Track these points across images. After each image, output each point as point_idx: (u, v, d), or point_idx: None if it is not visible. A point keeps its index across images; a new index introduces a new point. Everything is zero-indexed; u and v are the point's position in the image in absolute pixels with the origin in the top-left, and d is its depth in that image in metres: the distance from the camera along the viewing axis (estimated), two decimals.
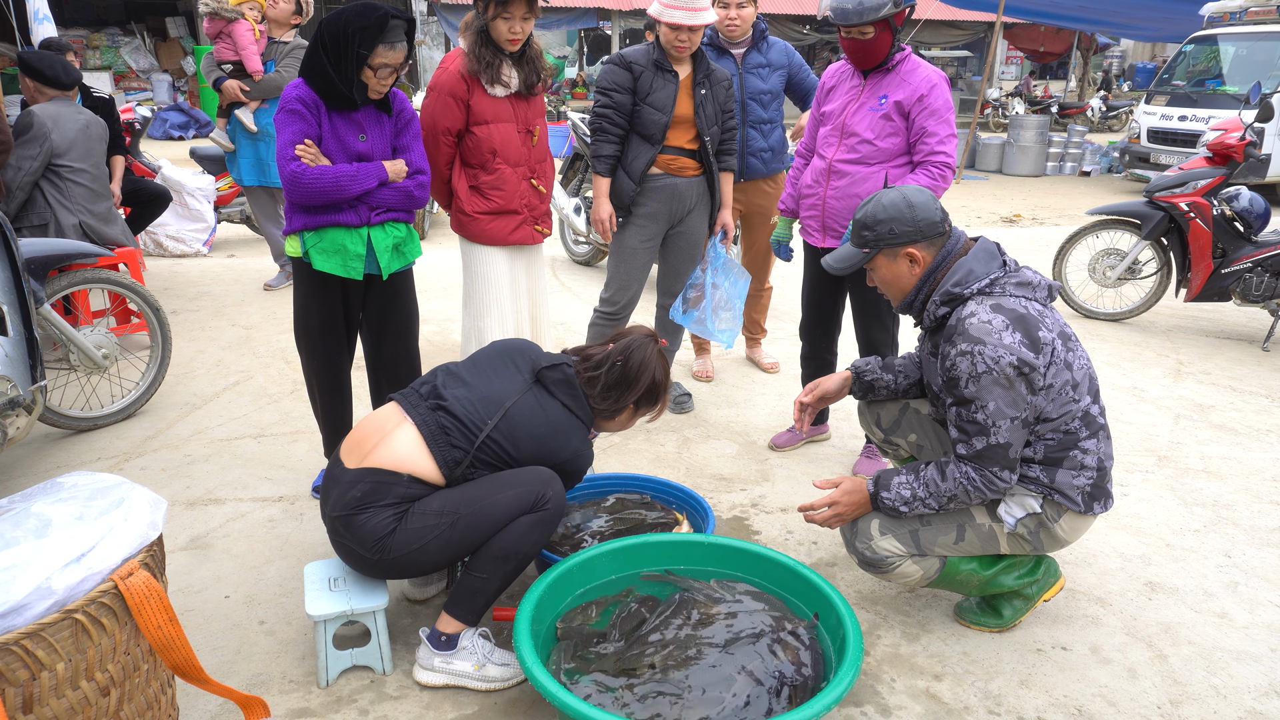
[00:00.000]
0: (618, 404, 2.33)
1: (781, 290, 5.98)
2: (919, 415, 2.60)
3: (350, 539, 2.10)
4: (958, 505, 2.21)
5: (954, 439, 2.18)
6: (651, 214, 3.58)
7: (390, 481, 2.09)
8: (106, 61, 17.00)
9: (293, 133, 2.60)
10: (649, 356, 2.34)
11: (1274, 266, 4.90)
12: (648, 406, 2.40)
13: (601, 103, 3.46)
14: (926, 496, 2.20)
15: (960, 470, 2.16)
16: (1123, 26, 16.76)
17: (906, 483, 2.23)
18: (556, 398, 2.25)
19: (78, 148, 4.22)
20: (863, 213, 2.29)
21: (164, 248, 6.77)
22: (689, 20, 3.27)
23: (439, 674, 2.17)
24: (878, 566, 2.29)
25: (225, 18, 5.20)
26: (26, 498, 1.75)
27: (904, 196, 2.25)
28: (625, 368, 2.31)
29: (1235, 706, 2.15)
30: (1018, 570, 2.36)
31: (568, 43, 24.51)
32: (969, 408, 2.11)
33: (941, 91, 2.94)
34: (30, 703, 1.53)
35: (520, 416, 2.19)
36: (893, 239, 2.24)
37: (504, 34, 2.97)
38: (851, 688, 1.83)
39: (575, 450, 2.25)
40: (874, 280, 2.38)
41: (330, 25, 2.53)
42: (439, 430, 2.14)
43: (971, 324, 2.10)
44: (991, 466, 2.12)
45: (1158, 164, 10.76)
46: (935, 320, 2.27)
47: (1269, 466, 3.50)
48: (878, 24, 2.87)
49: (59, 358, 3.69)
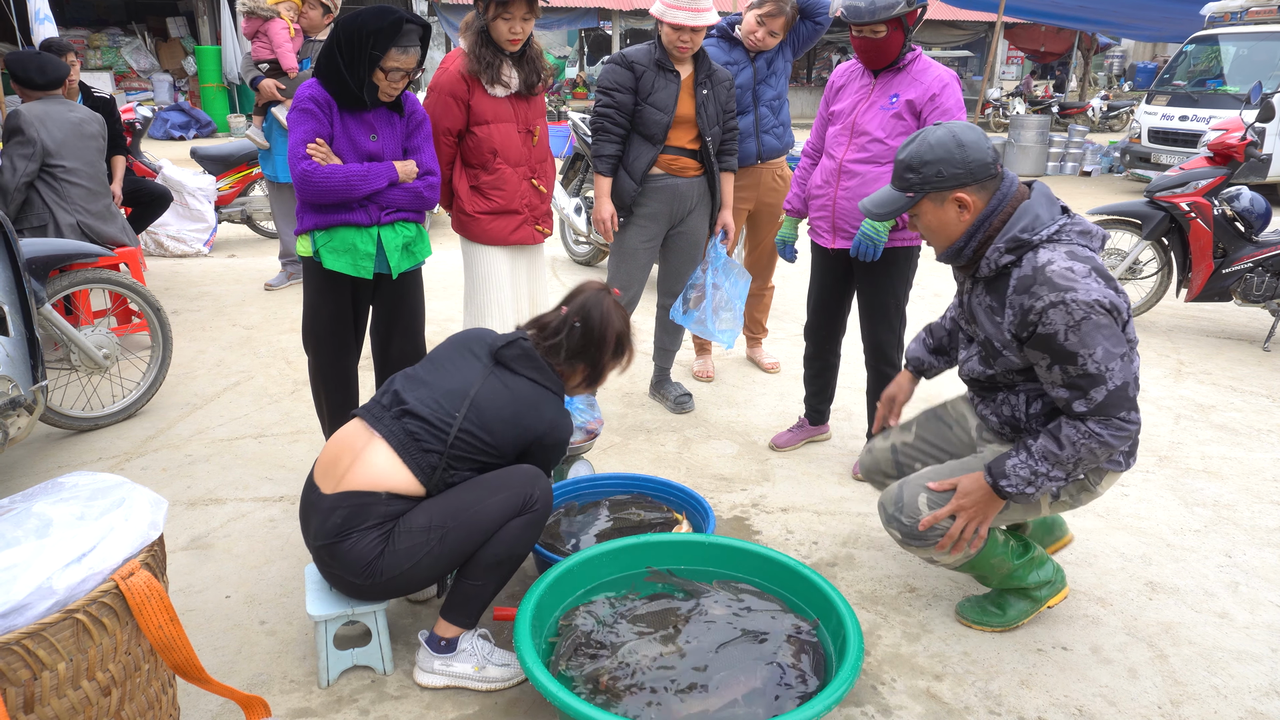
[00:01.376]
0: (594, 367, 2.28)
1: (783, 290, 5.98)
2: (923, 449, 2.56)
3: (338, 567, 2.05)
4: (1086, 467, 2.05)
5: (1065, 398, 2.01)
6: (652, 214, 3.58)
7: (369, 502, 2.03)
8: (107, 61, 17.01)
9: (305, 132, 2.62)
10: (607, 311, 2.27)
11: (1275, 266, 4.90)
12: (615, 360, 2.34)
13: (603, 102, 3.46)
14: (1049, 470, 2.04)
15: (1080, 430, 1.99)
16: (1123, 26, 16.78)
17: (1022, 463, 2.07)
18: (520, 374, 2.18)
19: (69, 147, 4.19)
20: (906, 153, 2.10)
21: (165, 248, 6.77)
22: (691, 21, 3.27)
23: (439, 676, 2.16)
24: (921, 539, 2.20)
25: (262, 16, 5.22)
26: (28, 498, 1.75)
27: (953, 134, 2.05)
28: (586, 329, 2.24)
29: (1236, 706, 2.15)
30: (1038, 570, 2.36)
31: (568, 43, 24.51)
32: (1075, 361, 1.95)
33: (954, 90, 2.92)
34: (31, 702, 1.53)
35: (486, 402, 2.13)
36: (940, 182, 2.06)
37: (504, 34, 2.97)
38: (852, 688, 1.83)
39: (551, 421, 2.19)
40: (917, 226, 2.20)
41: (346, 26, 2.54)
42: (408, 438, 2.07)
43: (1053, 271, 1.95)
44: (1118, 413, 1.96)
45: (1158, 164, 10.76)
46: (996, 269, 2.09)
47: (1269, 466, 3.49)
48: (890, 23, 2.86)
49: (60, 358, 3.69)
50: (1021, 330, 2.04)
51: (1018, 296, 2.02)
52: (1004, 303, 2.10)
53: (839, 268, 3.23)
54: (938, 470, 2.30)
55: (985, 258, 2.10)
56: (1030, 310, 1.99)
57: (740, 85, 3.86)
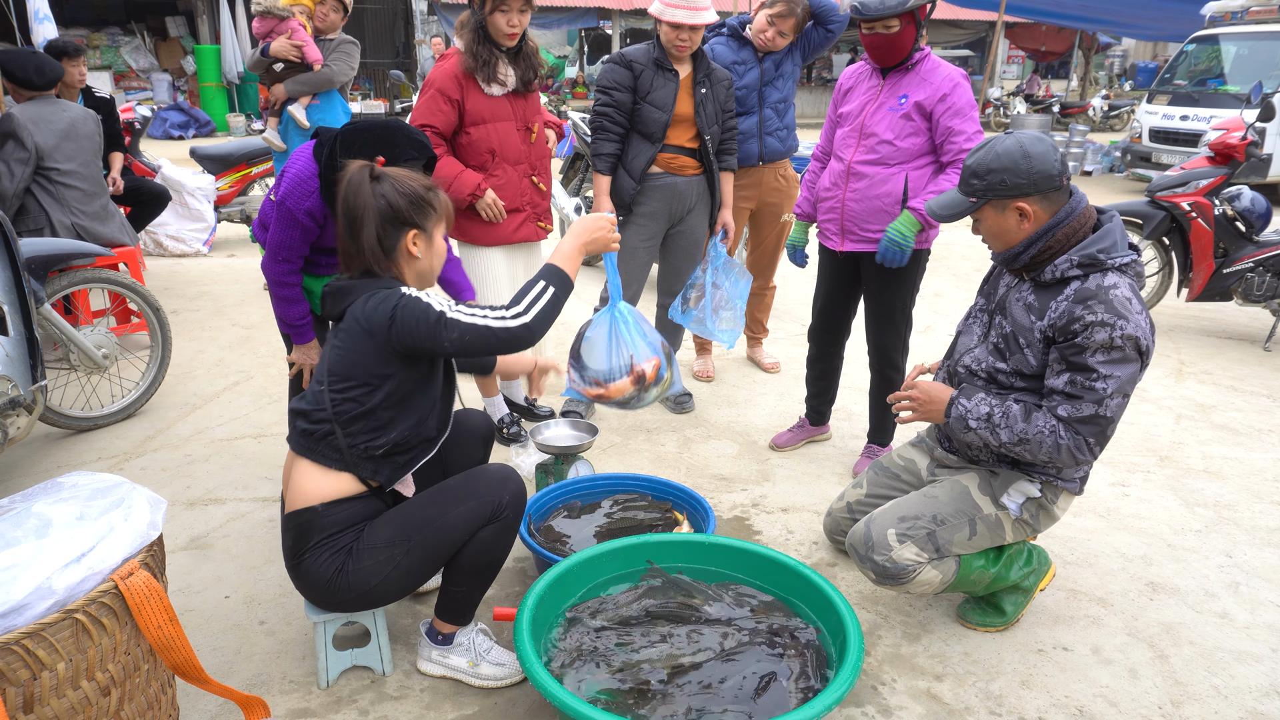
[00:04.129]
0: (384, 243, 2.00)
1: (784, 290, 5.97)
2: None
3: (303, 586, 2.01)
4: (1022, 451, 2.13)
5: (1058, 400, 2.09)
6: (652, 213, 3.57)
7: (308, 520, 1.95)
8: (106, 61, 17.00)
9: (291, 240, 2.51)
10: (357, 185, 1.98)
11: (1275, 266, 4.89)
12: (417, 222, 2.03)
13: (602, 101, 3.45)
14: (1000, 425, 2.13)
15: (1052, 424, 2.08)
16: (1124, 26, 16.77)
17: (988, 402, 2.17)
18: (342, 307, 2.01)
19: (64, 148, 4.18)
20: (974, 159, 2.17)
21: (164, 247, 6.77)
22: (690, 19, 3.26)
23: (435, 665, 2.19)
24: (898, 578, 2.24)
25: (278, 16, 5.21)
26: (27, 498, 1.75)
27: (1020, 145, 2.11)
28: (347, 219, 1.99)
29: (1236, 707, 2.15)
30: (1018, 563, 2.37)
31: (568, 42, 24.50)
32: (1089, 377, 2.04)
33: (964, 90, 2.91)
34: (31, 702, 1.53)
35: (333, 353, 1.98)
36: (1003, 190, 2.12)
37: (502, 27, 2.97)
38: (852, 688, 1.83)
39: (381, 298, 1.94)
40: (978, 230, 2.26)
41: (345, 141, 2.36)
42: (305, 439, 1.99)
43: (1117, 296, 2.03)
44: (1089, 436, 2.07)
45: (1159, 163, 10.76)
46: (1059, 278, 2.14)
47: (1270, 467, 3.49)
48: (903, 17, 2.84)
49: (59, 358, 3.69)
50: (1059, 334, 2.09)
51: (1072, 305, 2.08)
52: (1047, 306, 2.15)
53: (847, 270, 3.22)
54: (898, 503, 2.34)
55: (1054, 264, 2.15)
56: (1079, 320, 2.05)
57: (747, 86, 3.85)
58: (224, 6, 16.09)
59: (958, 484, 2.35)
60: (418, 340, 1.92)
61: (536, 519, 2.68)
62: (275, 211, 2.51)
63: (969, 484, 2.34)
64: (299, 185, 2.46)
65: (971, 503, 2.29)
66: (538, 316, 2.00)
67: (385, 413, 1.97)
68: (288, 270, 2.60)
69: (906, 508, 2.31)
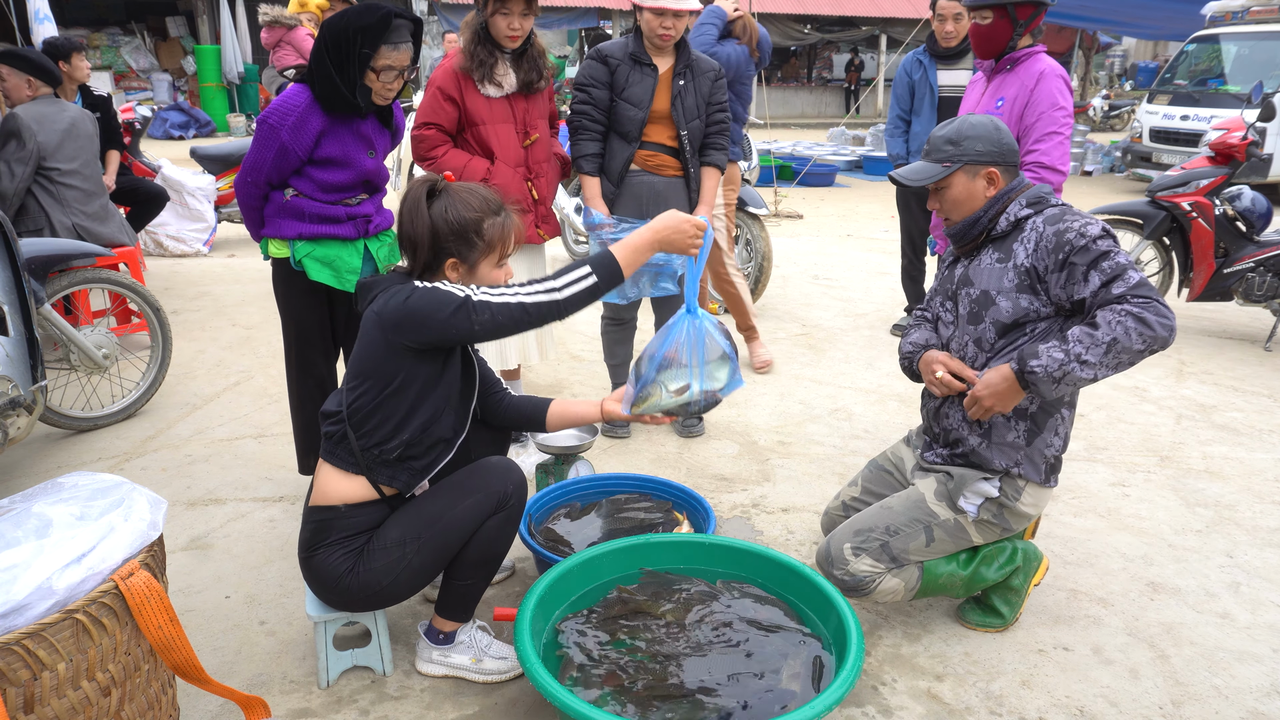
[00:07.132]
0: (436, 252, 2.00)
1: (784, 290, 5.97)
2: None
3: (313, 581, 2.03)
4: (1120, 356, 2.03)
5: (1103, 292, 2.07)
6: (630, 215, 3.40)
7: (330, 518, 1.99)
8: (106, 61, 17.02)
9: (263, 161, 2.55)
10: (413, 203, 1.99)
11: (1276, 266, 4.89)
12: (454, 251, 2.01)
13: (579, 99, 3.33)
14: (1084, 351, 2.04)
15: (1118, 310, 2.03)
16: (1125, 25, 16.76)
17: (1055, 345, 2.08)
18: (366, 303, 1.99)
19: (65, 148, 4.18)
20: (949, 129, 2.29)
21: (164, 247, 6.77)
22: (673, 4, 3.14)
23: (437, 665, 2.18)
24: (859, 590, 2.25)
25: (285, 25, 5.24)
26: (27, 498, 1.75)
27: (991, 120, 2.29)
28: (410, 229, 2.00)
29: (1237, 707, 2.15)
30: (996, 561, 2.36)
31: (568, 42, 24.49)
32: (1109, 257, 2.07)
33: (1048, 85, 2.91)
34: (31, 703, 1.53)
35: (355, 352, 1.98)
36: (978, 157, 2.25)
37: (503, 30, 2.96)
38: (853, 688, 1.83)
39: (403, 299, 1.89)
40: (939, 200, 2.32)
41: (332, 26, 2.44)
42: (329, 442, 2.01)
43: (1067, 210, 2.19)
44: (1151, 293, 2.03)
45: (1160, 163, 10.76)
46: (1014, 221, 2.25)
47: (1271, 467, 3.49)
48: (996, 10, 2.95)
49: (59, 358, 3.69)
50: (1056, 253, 2.13)
51: (1047, 227, 2.16)
52: (1013, 249, 2.24)
53: None
54: (856, 517, 2.35)
55: (1005, 214, 2.27)
56: (1068, 230, 2.13)
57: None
58: (224, 6, 16.10)
59: (914, 492, 2.35)
60: (435, 327, 1.87)
61: (537, 519, 2.67)
62: (256, 130, 2.58)
63: (925, 490, 2.34)
64: (284, 103, 2.52)
65: (926, 510, 2.29)
66: (571, 298, 1.94)
67: (394, 411, 1.96)
68: (254, 194, 2.63)
69: (861, 521, 2.32)
